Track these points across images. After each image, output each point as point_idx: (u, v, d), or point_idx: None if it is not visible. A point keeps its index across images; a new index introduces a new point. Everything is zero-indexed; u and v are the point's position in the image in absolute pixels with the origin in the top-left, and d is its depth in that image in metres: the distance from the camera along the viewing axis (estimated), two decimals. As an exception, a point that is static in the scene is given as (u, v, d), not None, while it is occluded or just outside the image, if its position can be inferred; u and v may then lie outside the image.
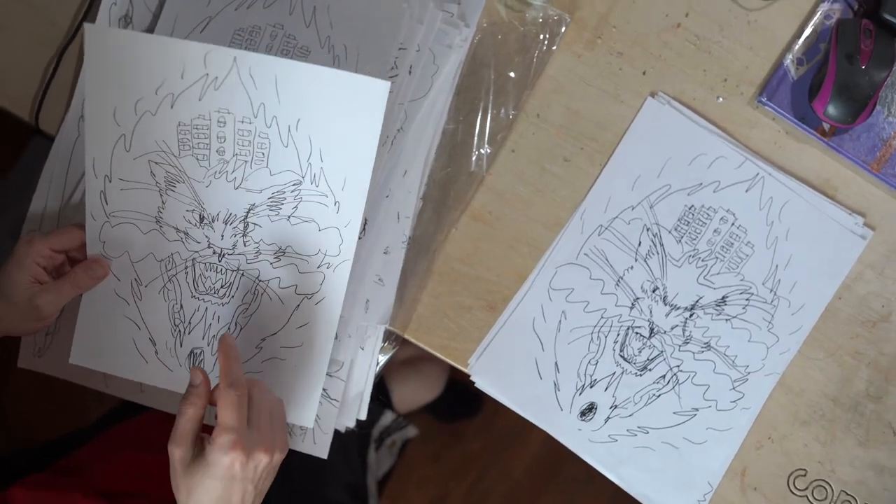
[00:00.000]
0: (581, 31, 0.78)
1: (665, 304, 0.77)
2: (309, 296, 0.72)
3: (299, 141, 0.69)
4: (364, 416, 0.79)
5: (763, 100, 0.77)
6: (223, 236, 0.72)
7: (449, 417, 1.57)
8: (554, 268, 0.78)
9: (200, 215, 0.72)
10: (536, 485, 1.61)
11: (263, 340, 0.74)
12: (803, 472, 0.78)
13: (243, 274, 0.73)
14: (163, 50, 0.67)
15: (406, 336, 0.79)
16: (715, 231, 0.77)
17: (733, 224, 0.77)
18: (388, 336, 0.79)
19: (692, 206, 0.77)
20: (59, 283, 0.71)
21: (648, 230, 0.77)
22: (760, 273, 0.77)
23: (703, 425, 0.78)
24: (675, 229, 0.77)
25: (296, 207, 0.71)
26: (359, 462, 1.10)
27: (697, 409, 0.78)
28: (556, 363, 0.78)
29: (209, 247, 0.72)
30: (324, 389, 0.76)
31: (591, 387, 0.78)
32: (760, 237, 0.77)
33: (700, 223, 0.77)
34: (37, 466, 0.89)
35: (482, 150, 0.78)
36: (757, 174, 0.77)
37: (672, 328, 0.77)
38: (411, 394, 1.38)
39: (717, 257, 0.77)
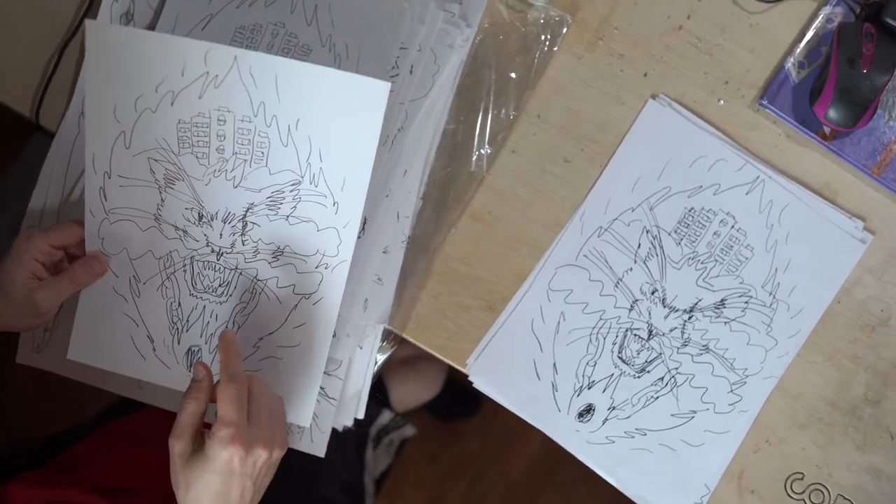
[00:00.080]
0: (582, 33, 0.78)
1: (664, 307, 0.77)
2: (307, 296, 0.72)
3: (299, 140, 0.69)
4: (362, 415, 0.79)
5: (764, 103, 0.77)
6: (222, 235, 0.72)
7: (447, 417, 1.57)
8: (553, 269, 0.78)
9: (199, 213, 0.72)
10: (534, 485, 1.61)
11: (261, 339, 0.74)
12: (800, 476, 0.78)
13: (241, 273, 0.73)
14: (164, 47, 0.67)
15: (404, 335, 0.79)
16: (714, 234, 0.77)
17: (733, 227, 0.77)
18: (387, 335, 0.79)
19: (692, 209, 0.77)
20: (58, 280, 0.71)
21: (648, 232, 0.77)
22: (760, 276, 0.77)
23: (701, 428, 0.78)
24: (675, 231, 0.77)
25: (294, 207, 0.71)
26: (356, 461, 1.10)
27: (695, 412, 0.78)
28: (555, 364, 0.78)
29: (208, 245, 0.72)
30: (322, 388, 0.76)
31: (590, 388, 0.78)
32: (760, 240, 0.77)
33: (700, 226, 0.77)
34: (35, 463, 0.89)
35: (482, 151, 0.78)
36: (757, 177, 0.77)
37: (671, 330, 0.77)
38: (409, 393, 1.38)
39: (717, 260, 0.77)
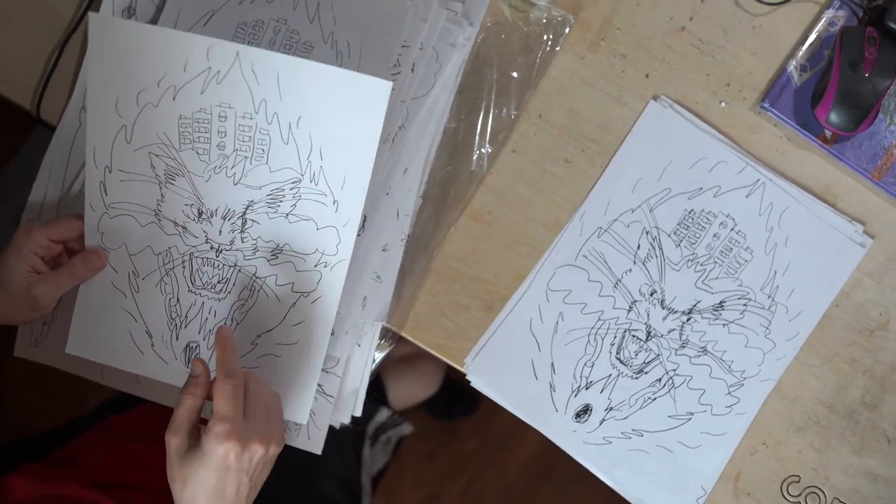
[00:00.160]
0: (585, 33, 0.78)
1: (662, 308, 0.77)
2: (305, 294, 0.72)
3: (300, 138, 0.69)
4: (359, 413, 0.79)
5: (765, 105, 0.77)
6: (221, 232, 0.72)
7: (445, 415, 1.57)
8: (552, 269, 0.78)
9: (199, 210, 0.71)
10: (531, 485, 1.61)
11: (259, 337, 0.74)
12: (797, 479, 0.78)
13: (240, 270, 0.73)
14: (166, 42, 0.67)
15: (403, 334, 0.79)
16: (714, 236, 0.77)
17: (733, 229, 0.77)
18: (385, 333, 0.79)
19: (692, 211, 0.77)
20: (57, 274, 0.71)
21: (648, 233, 0.77)
22: (759, 279, 0.77)
23: (698, 429, 0.78)
24: (675, 233, 0.77)
25: (294, 205, 0.71)
26: (353, 458, 1.10)
27: (693, 414, 0.78)
28: (553, 364, 0.78)
29: (207, 242, 0.72)
30: (319, 385, 0.76)
31: (587, 388, 0.78)
32: (759, 243, 0.77)
33: (699, 227, 0.77)
34: (34, 455, 0.89)
35: (483, 150, 0.78)
36: (758, 180, 0.77)
37: (669, 332, 0.77)
38: (407, 391, 1.38)
39: (716, 262, 0.77)
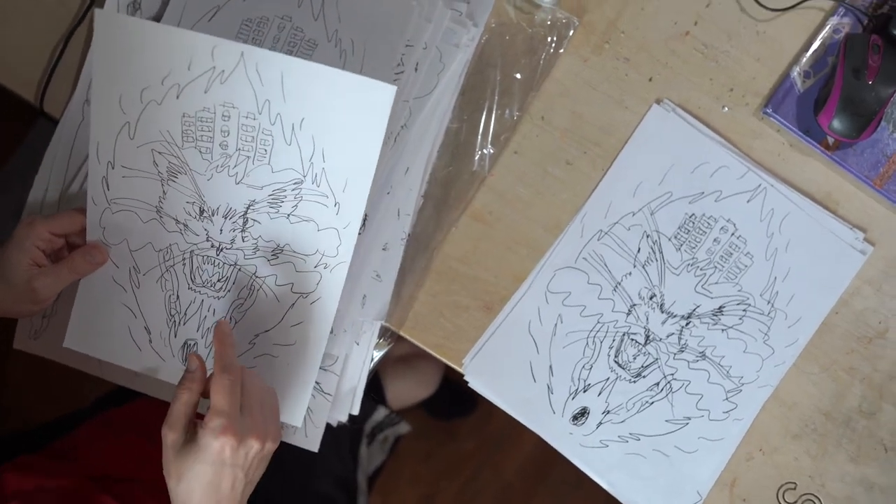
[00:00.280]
0: (589, 35, 0.78)
1: (662, 312, 0.77)
2: (304, 295, 0.72)
3: (302, 140, 0.69)
4: (357, 412, 0.79)
5: (768, 111, 0.77)
6: (222, 230, 0.72)
7: (443, 415, 1.57)
8: (552, 271, 0.78)
9: (200, 208, 0.72)
10: (528, 486, 1.61)
11: (257, 336, 0.74)
12: (793, 486, 0.78)
13: (240, 269, 0.73)
14: (171, 40, 0.67)
15: (402, 333, 0.79)
16: (715, 240, 0.77)
17: (733, 234, 0.77)
18: (384, 332, 0.79)
19: (693, 215, 0.77)
20: (58, 268, 0.71)
21: (648, 237, 0.77)
22: (758, 284, 0.77)
23: (695, 434, 0.78)
24: (675, 237, 0.77)
25: (296, 206, 0.71)
26: (350, 457, 1.10)
27: (690, 418, 0.78)
28: (551, 366, 0.78)
29: (208, 240, 0.72)
30: (317, 383, 0.76)
31: (585, 391, 0.78)
32: (760, 248, 0.77)
33: (700, 232, 0.77)
34: (31, 448, 0.89)
35: (485, 151, 0.78)
36: (759, 185, 0.77)
37: (668, 336, 0.77)
38: (405, 391, 1.38)
39: (716, 267, 0.77)
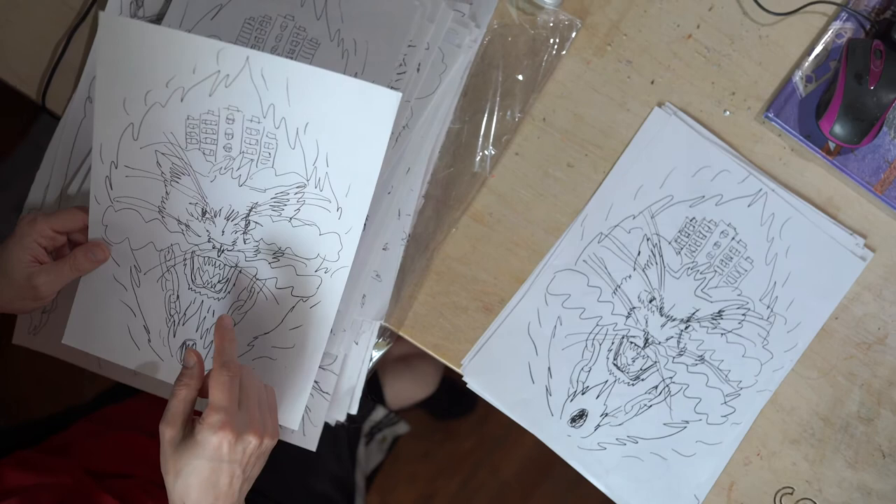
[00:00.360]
0: (591, 38, 0.78)
1: (661, 315, 0.77)
2: (304, 298, 0.72)
3: (306, 144, 0.69)
4: (355, 411, 0.79)
5: (770, 115, 0.77)
6: (224, 232, 0.72)
7: (442, 415, 1.57)
8: (552, 273, 0.78)
9: (203, 209, 0.72)
10: (525, 487, 1.61)
11: (256, 339, 0.74)
12: (790, 491, 0.78)
13: (241, 271, 0.73)
14: (175, 44, 0.66)
15: (401, 333, 0.79)
16: (715, 244, 0.77)
17: (734, 238, 0.77)
18: (383, 332, 0.79)
19: (693, 219, 0.77)
20: (59, 265, 0.71)
21: (648, 240, 0.77)
22: (758, 289, 0.77)
23: (693, 438, 0.78)
24: (676, 241, 0.77)
25: (298, 210, 0.71)
26: (348, 456, 1.10)
27: (688, 422, 0.78)
28: (549, 368, 0.78)
29: (209, 241, 0.72)
30: (316, 382, 0.76)
31: (583, 394, 0.78)
32: (760, 253, 0.77)
33: (700, 236, 0.77)
34: (28, 443, 0.89)
35: (486, 152, 0.78)
36: (760, 190, 0.77)
37: (667, 339, 0.77)
38: (404, 390, 1.38)
39: (716, 271, 0.77)
